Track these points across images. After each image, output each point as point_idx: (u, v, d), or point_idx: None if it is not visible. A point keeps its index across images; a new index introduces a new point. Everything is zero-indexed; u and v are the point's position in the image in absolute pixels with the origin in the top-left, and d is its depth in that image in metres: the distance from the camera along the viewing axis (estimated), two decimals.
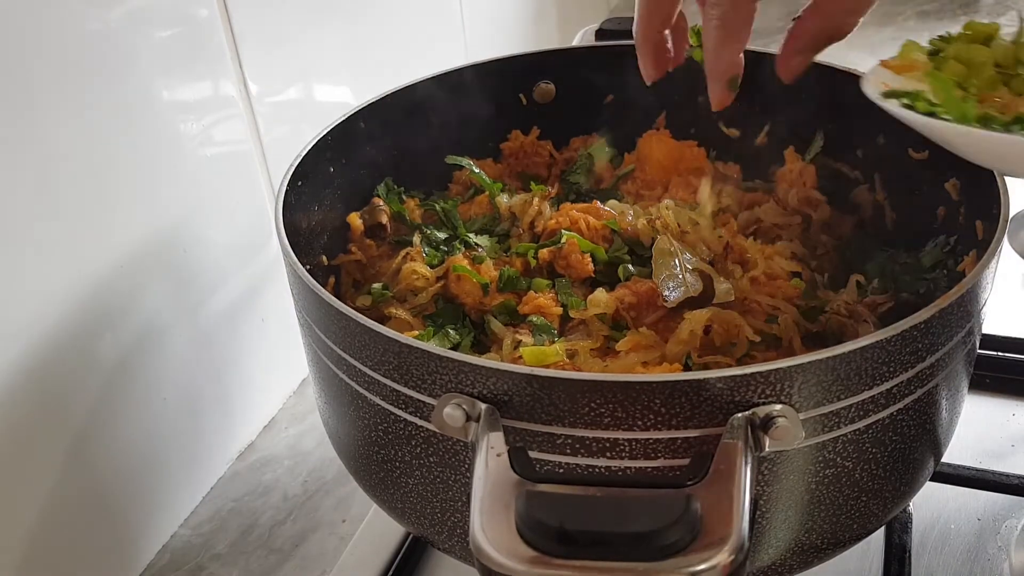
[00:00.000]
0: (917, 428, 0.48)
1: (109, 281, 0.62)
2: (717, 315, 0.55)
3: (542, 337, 0.56)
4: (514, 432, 0.43)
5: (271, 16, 0.75)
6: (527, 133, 0.76)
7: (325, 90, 0.84)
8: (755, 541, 0.46)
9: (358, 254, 0.66)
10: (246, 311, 0.77)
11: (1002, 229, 0.50)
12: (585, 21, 0.82)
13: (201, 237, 0.71)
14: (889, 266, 0.63)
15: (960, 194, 0.60)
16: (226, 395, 0.76)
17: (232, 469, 0.77)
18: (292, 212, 0.58)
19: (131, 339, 0.65)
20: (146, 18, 0.63)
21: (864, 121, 0.68)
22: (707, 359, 0.54)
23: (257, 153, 0.75)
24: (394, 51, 0.92)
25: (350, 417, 0.52)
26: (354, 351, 0.47)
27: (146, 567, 0.68)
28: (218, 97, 0.71)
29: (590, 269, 0.61)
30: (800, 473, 0.45)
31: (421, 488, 0.49)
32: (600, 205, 0.66)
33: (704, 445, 0.42)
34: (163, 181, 0.66)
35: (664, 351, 0.54)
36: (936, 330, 0.45)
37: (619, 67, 0.76)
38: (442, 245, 0.66)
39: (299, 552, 0.69)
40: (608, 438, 0.42)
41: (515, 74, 0.75)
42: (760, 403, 0.41)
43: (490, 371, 0.42)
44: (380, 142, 0.69)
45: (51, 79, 0.56)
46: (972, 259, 0.56)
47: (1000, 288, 0.54)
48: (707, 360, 0.54)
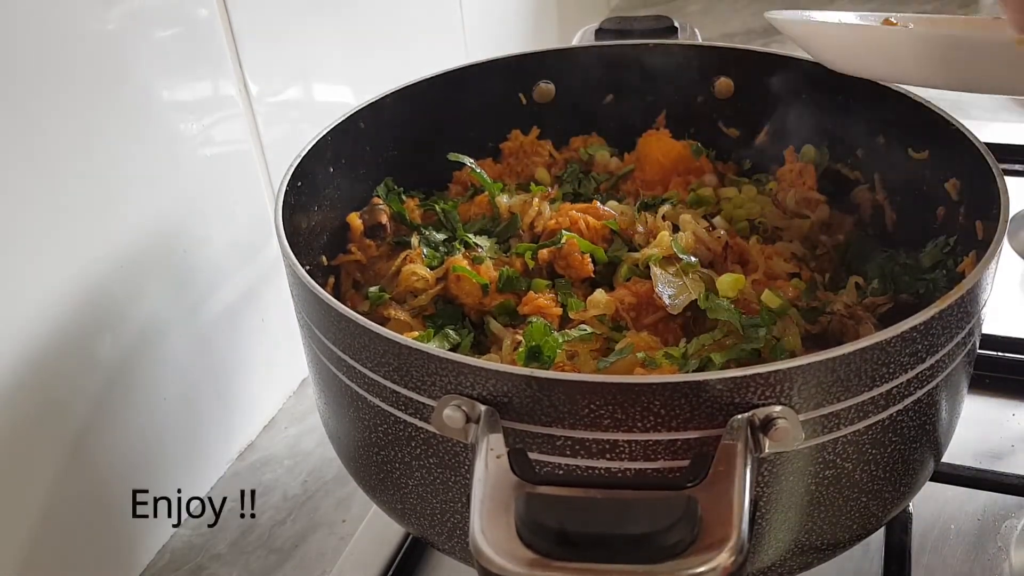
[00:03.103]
0: (917, 429, 0.48)
1: (109, 281, 0.62)
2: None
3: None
4: (514, 434, 0.43)
5: (271, 16, 0.75)
6: (527, 133, 0.76)
7: (325, 90, 0.84)
8: (755, 542, 0.46)
9: (358, 254, 0.66)
10: (246, 311, 0.77)
11: (1002, 229, 0.50)
12: (585, 21, 0.81)
13: (201, 237, 0.71)
14: (889, 266, 0.63)
15: (960, 194, 0.60)
16: (226, 395, 0.76)
17: (232, 469, 0.77)
18: (292, 212, 0.58)
19: (131, 339, 0.65)
20: (146, 18, 0.63)
21: (864, 121, 0.68)
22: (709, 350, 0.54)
23: (257, 153, 0.75)
24: (394, 51, 0.92)
25: (350, 418, 0.52)
26: (354, 352, 0.47)
27: (146, 567, 0.68)
28: (218, 97, 0.71)
29: (590, 269, 0.61)
30: (800, 474, 0.45)
31: (421, 489, 0.49)
32: (600, 205, 0.66)
33: (704, 446, 0.42)
34: (163, 181, 0.66)
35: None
36: (936, 331, 0.45)
37: (619, 67, 0.76)
38: (441, 246, 0.66)
39: (299, 552, 0.69)
40: (608, 439, 0.42)
41: (515, 74, 0.75)
42: (760, 404, 0.41)
43: (490, 372, 0.42)
44: (380, 142, 0.69)
45: (51, 79, 0.56)
46: (972, 259, 0.56)
47: (1000, 288, 0.54)
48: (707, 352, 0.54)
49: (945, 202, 0.61)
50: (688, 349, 0.54)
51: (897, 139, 0.66)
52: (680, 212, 0.65)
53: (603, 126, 0.78)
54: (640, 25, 0.77)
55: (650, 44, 0.75)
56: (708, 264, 0.61)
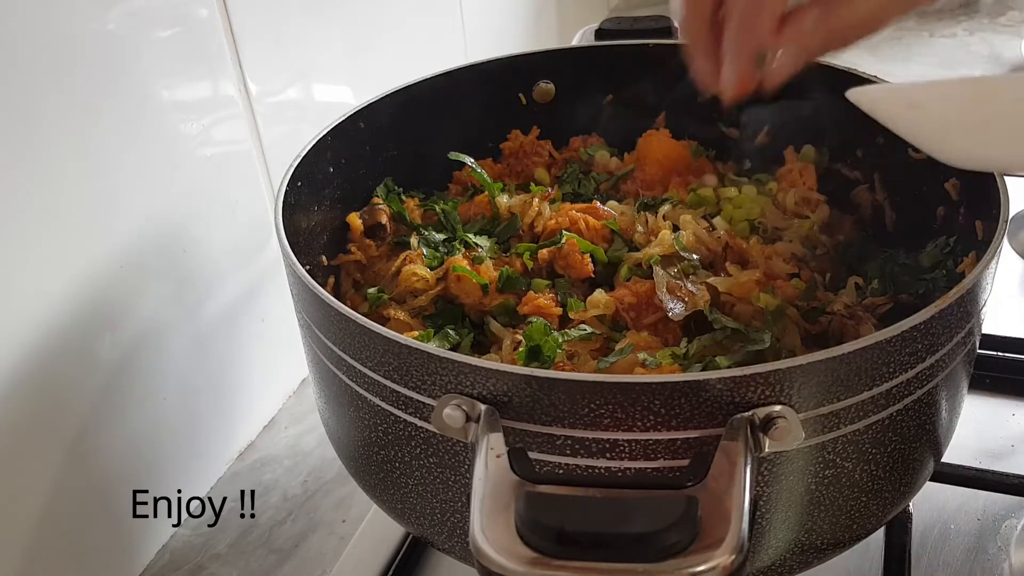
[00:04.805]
0: (917, 428, 0.48)
1: (109, 281, 0.62)
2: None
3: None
4: (514, 433, 0.43)
5: (271, 16, 0.75)
6: (527, 133, 0.76)
7: (325, 90, 0.84)
8: (755, 542, 0.46)
9: (358, 254, 0.66)
10: (246, 311, 0.77)
11: (1002, 229, 0.50)
12: (585, 21, 0.81)
13: (201, 237, 0.71)
14: (889, 266, 0.63)
15: (960, 194, 0.60)
16: (226, 395, 0.76)
17: (232, 469, 0.77)
18: (292, 212, 0.58)
19: (131, 339, 0.65)
20: (146, 18, 0.63)
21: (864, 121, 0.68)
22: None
23: (257, 153, 0.75)
24: (394, 51, 0.92)
25: (350, 418, 0.52)
26: (354, 352, 0.47)
27: (146, 567, 0.68)
28: (218, 97, 0.71)
29: (589, 269, 0.61)
30: (800, 474, 0.45)
31: (421, 489, 0.49)
32: (600, 205, 0.66)
33: (704, 446, 0.42)
34: (163, 181, 0.66)
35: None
36: (936, 331, 0.45)
37: (619, 67, 0.76)
38: (441, 246, 0.66)
39: (299, 552, 0.69)
40: (608, 439, 0.42)
41: (515, 74, 0.75)
42: (760, 404, 0.41)
43: (490, 372, 0.42)
44: (380, 142, 0.69)
45: (51, 79, 0.56)
46: (972, 259, 0.56)
47: (1000, 288, 0.54)
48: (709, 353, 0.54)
49: (945, 202, 0.61)
50: (689, 350, 0.54)
51: (897, 139, 0.66)
52: (680, 212, 0.65)
53: (603, 126, 0.78)
54: (640, 25, 0.77)
55: (650, 44, 0.75)
56: (708, 264, 0.61)
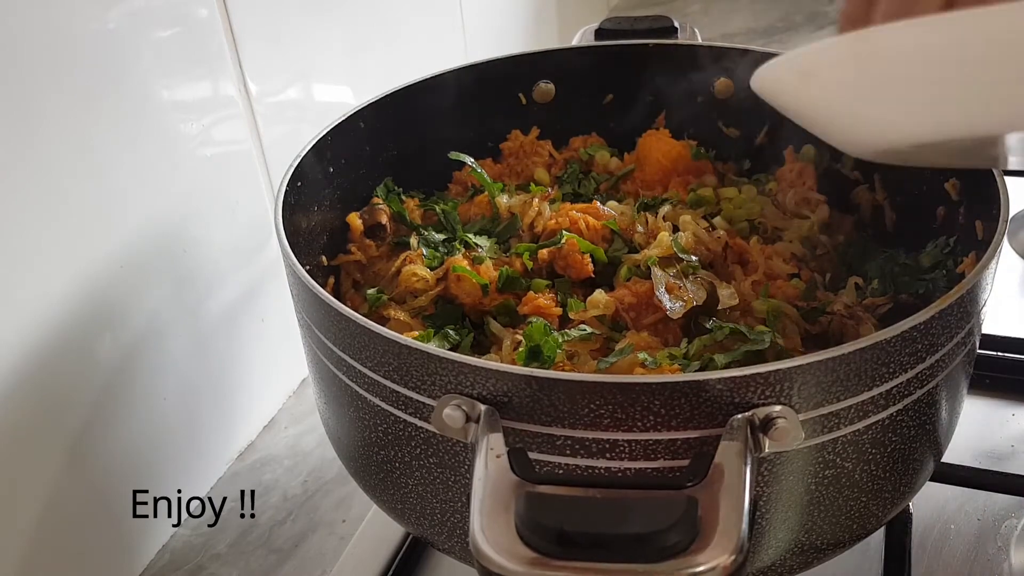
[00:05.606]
0: (917, 429, 0.48)
1: (109, 281, 0.62)
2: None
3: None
4: (514, 433, 0.43)
5: (271, 16, 0.75)
6: (527, 133, 0.76)
7: (325, 90, 0.84)
8: (755, 542, 0.46)
9: (358, 254, 0.66)
10: (246, 311, 0.77)
11: (1002, 229, 0.50)
12: (585, 21, 0.81)
13: (201, 237, 0.71)
14: (889, 267, 0.63)
15: (960, 194, 0.60)
16: (226, 395, 0.76)
17: (232, 469, 0.77)
18: (292, 212, 0.58)
19: (131, 339, 0.65)
20: (146, 18, 0.63)
21: None
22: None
23: (257, 153, 0.75)
24: (394, 51, 0.92)
25: (350, 418, 0.52)
26: (354, 352, 0.47)
27: (146, 567, 0.68)
28: (218, 97, 0.71)
29: (589, 270, 0.61)
30: (800, 474, 0.45)
31: (421, 489, 0.49)
32: (600, 205, 0.66)
33: (704, 446, 0.42)
34: (163, 181, 0.66)
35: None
36: (936, 331, 0.45)
37: (619, 67, 0.76)
38: (441, 246, 0.66)
39: (299, 552, 0.69)
40: (608, 439, 0.42)
41: (515, 74, 0.75)
42: (760, 404, 0.41)
43: (490, 372, 0.42)
44: (380, 142, 0.70)
45: (51, 79, 0.56)
46: (972, 260, 0.56)
47: (1000, 288, 0.54)
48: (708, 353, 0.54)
49: (945, 202, 0.61)
50: (689, 350, 0.54)
51: None
52: (680, 212, 0.65)
53: (603, 126, 0.78)
54: (640, 25, 0.77)
55: (650, 44, 0.75)
56: (708, 264, 0.61)
